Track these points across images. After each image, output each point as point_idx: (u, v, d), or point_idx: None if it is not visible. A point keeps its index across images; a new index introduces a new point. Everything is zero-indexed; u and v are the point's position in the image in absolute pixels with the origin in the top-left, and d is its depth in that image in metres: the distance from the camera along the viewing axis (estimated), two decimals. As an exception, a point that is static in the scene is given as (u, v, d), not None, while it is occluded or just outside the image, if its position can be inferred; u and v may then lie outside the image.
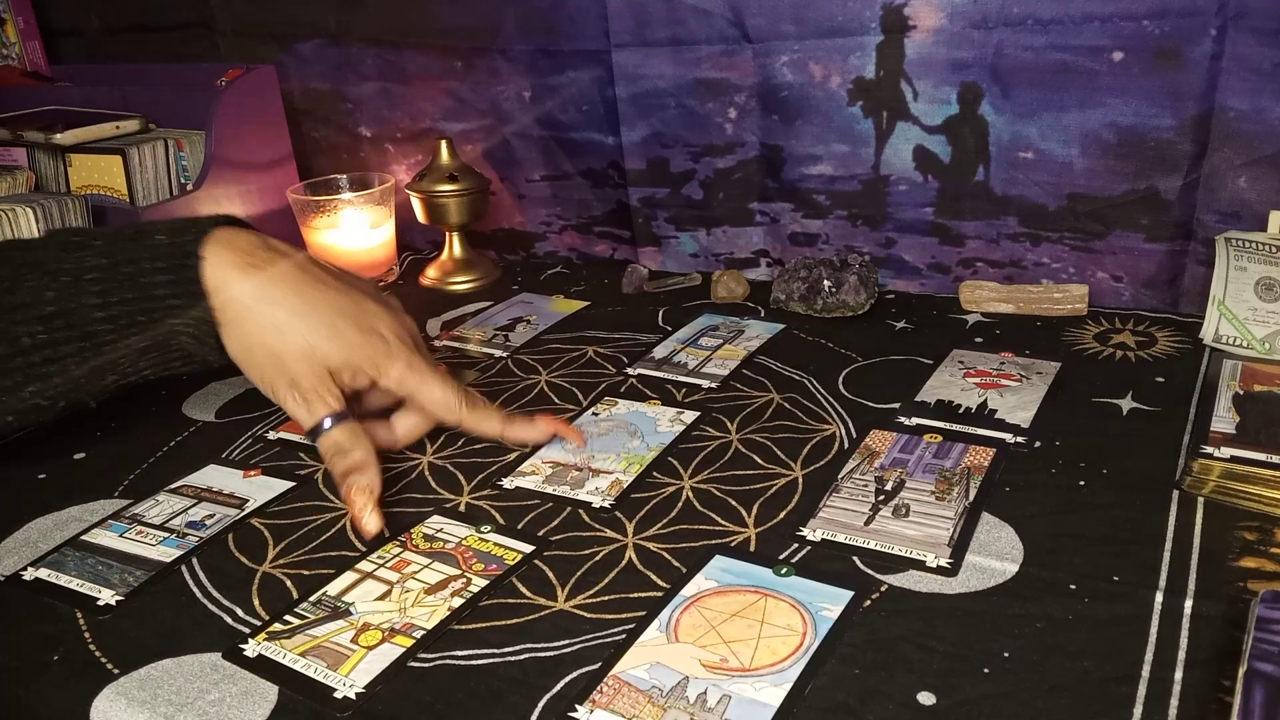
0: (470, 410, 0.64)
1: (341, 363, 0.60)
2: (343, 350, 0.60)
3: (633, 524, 0.58)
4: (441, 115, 1.04)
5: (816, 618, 0.49)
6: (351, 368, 0.61)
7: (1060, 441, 0.63)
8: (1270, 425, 0.63)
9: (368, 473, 0.58)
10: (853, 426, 0.68)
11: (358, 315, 0.61)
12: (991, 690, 0.44)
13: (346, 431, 0.60)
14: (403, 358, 0.62)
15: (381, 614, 0.51)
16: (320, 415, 0.60)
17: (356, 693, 0.46)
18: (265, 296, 0.59)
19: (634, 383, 0.76)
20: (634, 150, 0.96)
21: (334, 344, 0.60)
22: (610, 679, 0.45)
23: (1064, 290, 0.83)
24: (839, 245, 0.93)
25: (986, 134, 0.83)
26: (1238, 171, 0.76)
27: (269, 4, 1.08)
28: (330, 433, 0.60)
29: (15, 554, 0.59)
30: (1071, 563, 0.52)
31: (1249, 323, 0.73)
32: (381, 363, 0.61)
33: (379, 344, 0.61)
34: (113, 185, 0.96)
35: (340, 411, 0.60)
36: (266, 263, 0.60)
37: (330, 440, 0.60)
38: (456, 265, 1.01)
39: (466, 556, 0.56)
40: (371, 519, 0.57)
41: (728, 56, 0.89)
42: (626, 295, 0.95)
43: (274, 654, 0.49)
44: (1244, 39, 0.72)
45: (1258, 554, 0.51)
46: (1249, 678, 0.41)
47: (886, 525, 0.56)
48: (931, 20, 0.80)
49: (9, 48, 1.17)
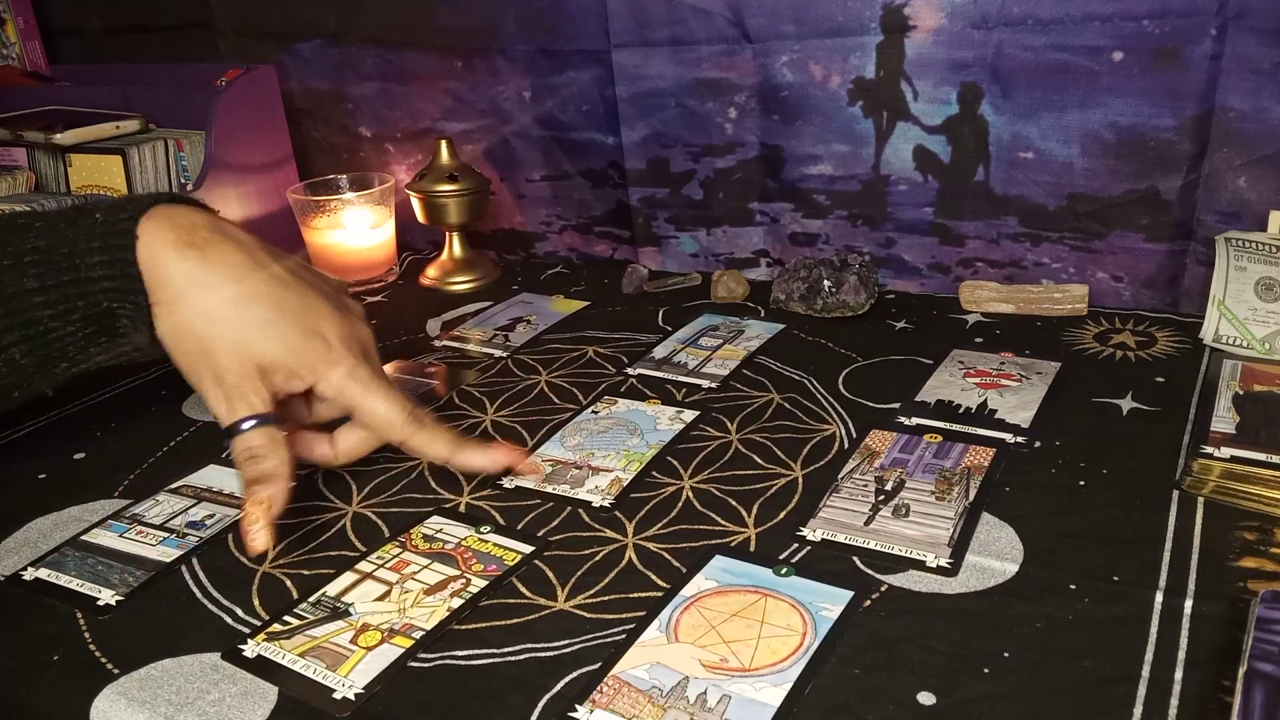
0: (416, 429, 0.57)
1: (273, 362, 0.55)
2: (277, 348, 0.55)
3: (633, 524, 0.58)
4: (441, 115, 1.04)
5: (816, 618, 0.49)
6: (285, 369, 0.55)
7: (1060, 441, 0.63)
8: (1270, 425, 0.63)
9: (274, 485, 0.53)
10: (853, 426, 0.68)
11: (302, 312, 0.56)
12: (991, 690, 0.44)
13: (264, 436, 0.54)
14: (344, 365, 0.56)
15: (381, 615, 0.51)
16: (240, 415, 0.54)
17: (355, 693, 0.46)
18: (200, 279, 0.54)
19: (634, 383, 0.76)
20: (634, 150, 0.96)
21: (268, 340, 0.54)
22: (610, 679, 0.45)
23: (1064, 290, 0.83)
24: (839, 245, 0.93)
25: (986, 134, 0.83)
26: (1238, 171, 0.76)
27: (269, 4, 1.08)
28: (246, 434, 0.54)
29: (15, 554, 0.59)
30: (1071, 563, 0.52)
31: (1249, 323, 0.73)
32: (320, 368, 0.56)
33: (319, 347, 0.56)
34: (113, 185, 0.96)
35: (263, 414, 0.54)
36: (207, 243, 0.55)
37: (244, 443, 0.54)
38: (456, 265, 1.01)
39: (466, 557, 0.56)
40: (260, 535, 0.52)
41: (728, 56, 0.89)
42: (626, 295, 0.95)
43: (273, 654, 0.49)
44: (1244, 39, 0.72)
45: (1258, 554, 0.51)
46: (1249, 678, 0.41)
47: (886, 525, 0.56)
48: (931, 20, 0.80)
49: (9, 48, 1.17)
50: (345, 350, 0.56)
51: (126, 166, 0.95)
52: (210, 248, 0.55)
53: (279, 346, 0.55)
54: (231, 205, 0.99)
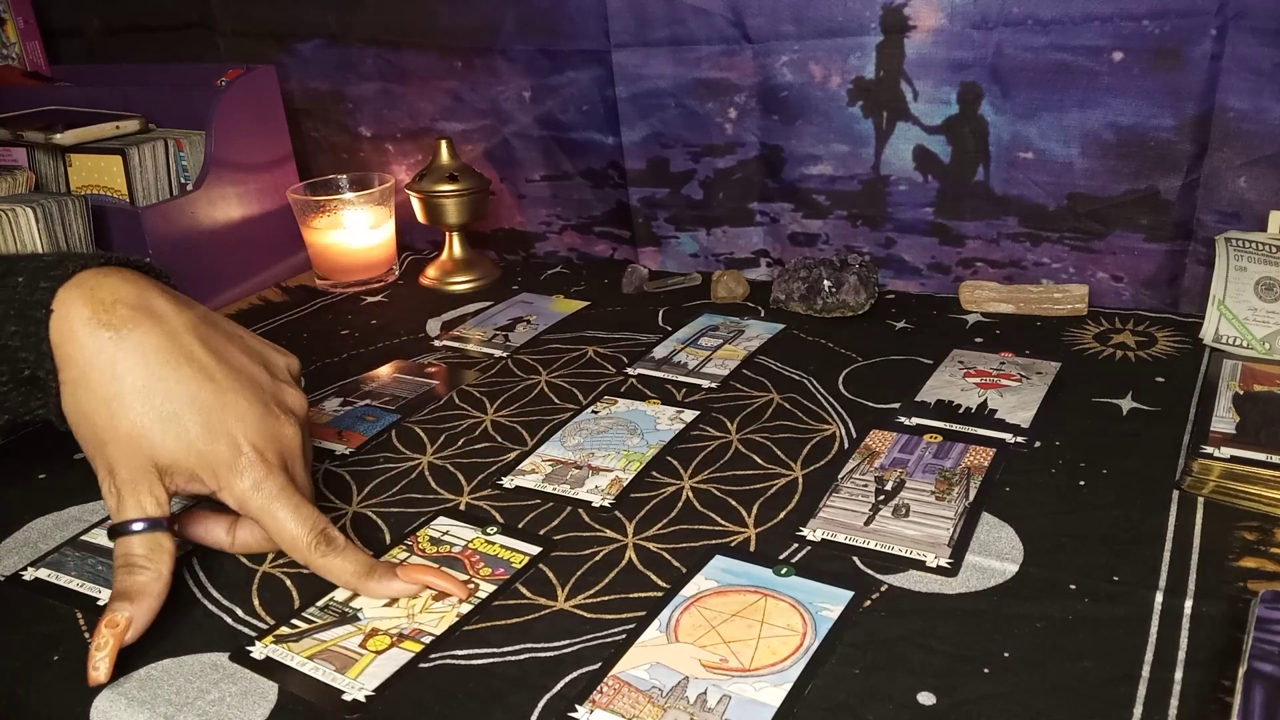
0: (324, 553, 0.52)
1: (172, 462, 0.51)
2: (177, 448, 0.50)
3: (633, 524, 0.58)
4: (441, 115, 1.04)
5: (816, 618, 0.49)
6: (185, 471, 0.51)
7: (1060, 441, 0.63)
8: (1270, 425, 0.63)
9: (138, 604, 0.49)
10: (853, 426, 0.68)
11: (213, 411, 0.51)
12: (991, 690, 0.44)
13: (147, 545, 0.50)
14: (250, 475, 0.51)
15: (390, 619, 0.51)
16: (128, 515, 0.50)
17: (366, 696, 0.46)
18: (106, 364, 0.50)
19: (634, 383, 0.76)
20: (634, 150, 0.96)
21: (167, 438, 0.50)
22: (610, 679, 0.45)
23: (1064, 290, 0.83)
24: (839, 245, 0.93)
25: (986, 134, 0.83)
26: (1238, 171, 0.76)
27: (269, 4, 1.08)
28: (129, 539, 0.50)
29: (15, 554, 0.59)
30: (1071, 563, 0.52)
31: (1249, 323, 0.73)
32: (222, 474, 0.51)
33: (224, 451, 0.51)
34: (113, 185, 0.96)
35: (154, 518, 0.50)
36: (125, 323, 0.51)
37: (124, 548, 0.50)
38: (456, 265, 1.01)
39: (473, 560, 0.55)
40: (101, 664, 0.47)
41: (728, 56, 0.89)
42: (626, 295, 0.95)
43: (281, 657, 0.48)
44: (1244, 39, 0.72)
45: (1258, 554, 0.51)
46: (1249, 678, 0.41)
47: (886, 525, 0.56)
48: (931, 20, 0.80)
49: (9, 48, 1.17)
50: (256, 457, 0.52)
51: (126, 166, 0.95)
52: (128, 328, 0.51)
53: (179, 446, 0.51)
54: (231, 205, 0.99)
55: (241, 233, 1.00)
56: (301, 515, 0.52)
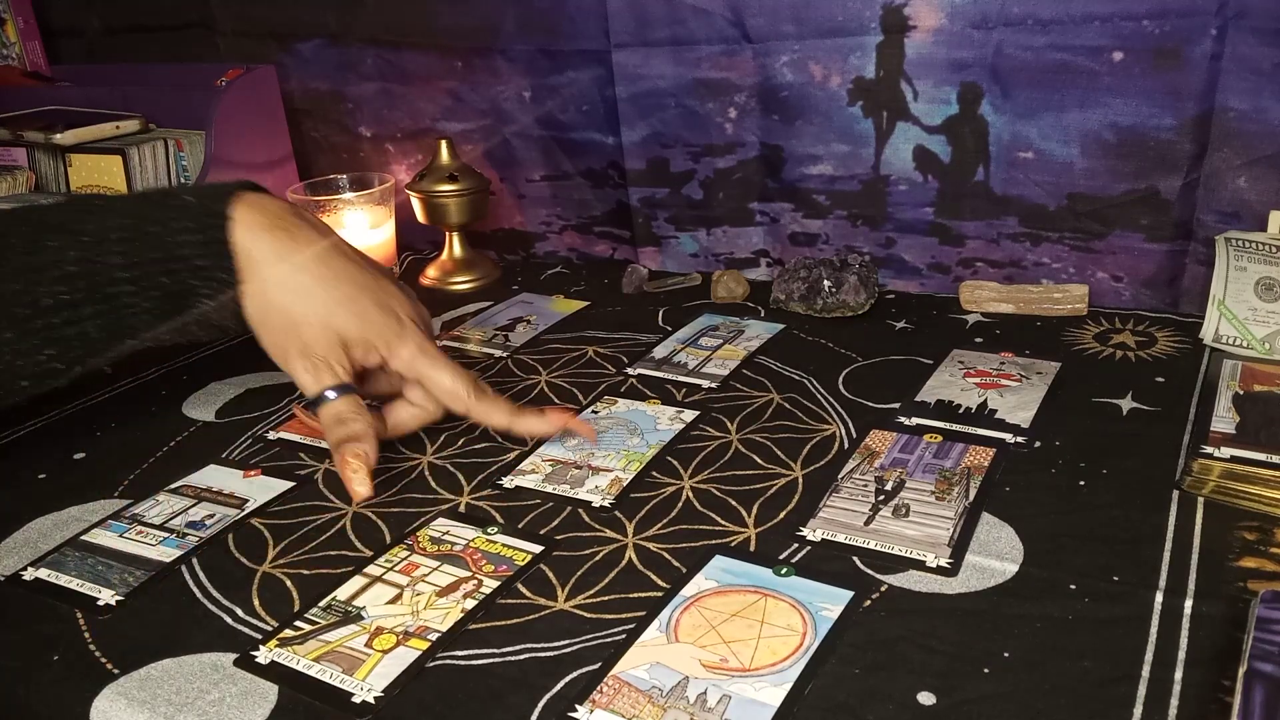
0: (479, 400, 0.63)
1: (356, 336, 0.61)
2: (359, 324, 0.61)
3: (633, 524, 0.58)
4: (441, 115, 1.04)
5: (816, 618, 0.49)
6: (365, 343, 0.61)
7: (1060, 441, 0.63)
8: (1270, 425, 0.63)
9: (365, 442, 0.59)
10: (853, 426, 0.68)
11: (378, 293, 0.62)
12: (991, 690, 0.44)
13: (350, 403, 0.60)
14: (415, 340, 0.62)
15: (394, 618, 0.51)
16: (326, 384, 0.60)
17: (375, 696, 0.46)
18: (290, 261, 0.60)
19: (634, 383, 0.76)
20: (634, 150, 0.96)
21: (351, 316, 0.60)
22: (610, 679, 0.45)
23: (1064, 290, 0.83)
24: (839, 245, 0.93)
25: (986, 134, 0.83)
26: (1238, 171, 0.76)
27: (269, 4, 1.08)
28: (335, 403, 0.60)
29: (15, 554, 0.59)
30: (1071, 563, 0.52)
31: (1249, 323, 0.73)
32: (394, 342, 0.62)
33: (394, 324, 0.62)
34: (113, 185, 0.96)
35: (346, 384, 0.60)
36: (295, 228, 0.61)
37: (332, 410, 0.60)
38: (456, 265, 1.01)
39: (476, 558, 0.55)
40: (363, 483, 0.57)
41: (728, 56, 0.89)
42: (626, 295, 0.95)
43: (287, 660, 0.48)
44: (1244, 39, 0.72)
45: (1258, 554, 0.51)
46: (1249, 678, 0.41)
47: (886, 525, 0.56)
48: (931, 20, 0.80)
49: (9, 48, 1.17)
50: (415, 327, 0.62)
51: (126, 166, 0.95)
52: (298, 232, 0.61)
53: (359, 322, 0.61)
54: (231, 205, 0.99)
55: (241, 233, 1.00)
56: (458, 372, 0.63)
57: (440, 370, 0.63)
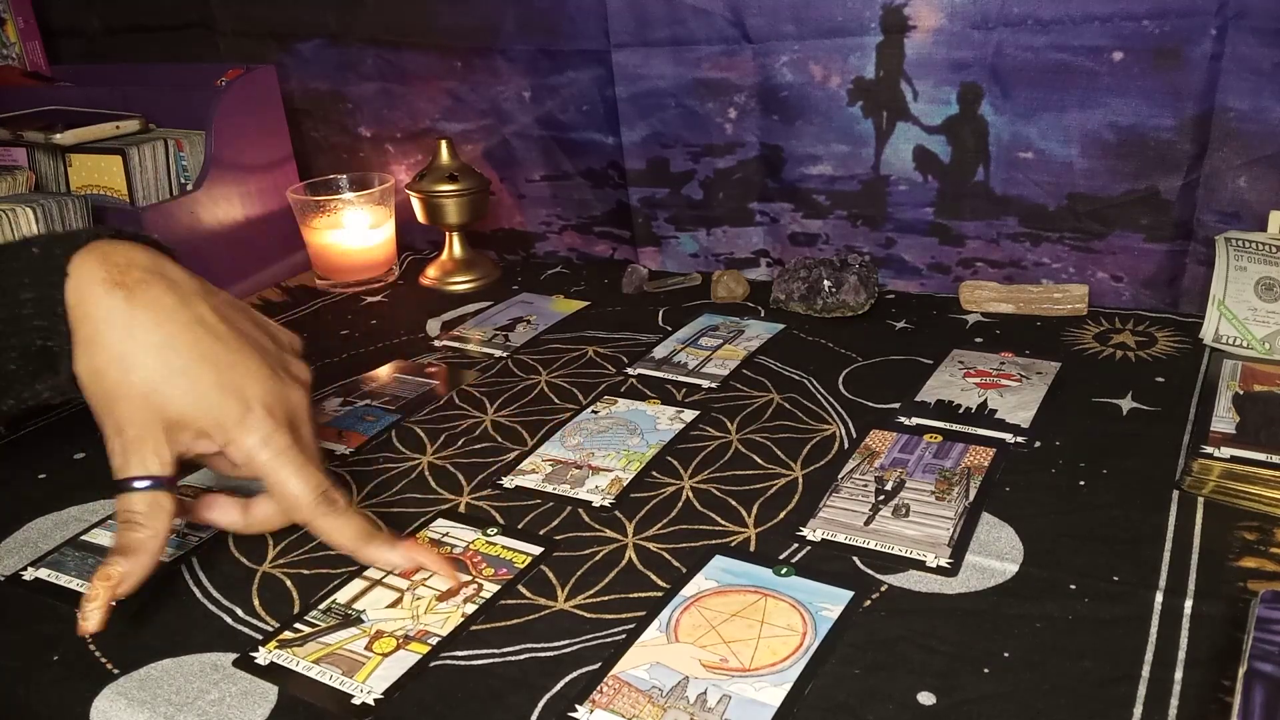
0: (324, 515, 0.52)
1: (180, 416, 0.50)
2: (189, 403, 0.50)
3: (633, 524, 0.58)
4: (441, 115, 1.04)
5: (816, 618, 0.49)
6: (194, 426, 0.51)
7: (1060, 441, 0.63)
8: (1270, 425, 0.63)
9: (133, 560, 0.49)
10: (853, 426, 0.68)
11: (224, 369, 0.51)
12: (991, 690, 0.44)
13: (147, 503, 0.50)
14: (260, 432, 0.51)
15: (394, 621, 0.51)
16: (131, 473, 0.50)
17: (375, 699, 0.46)
18: (120, 321, 0.50)
19: (634, 383, 0.76)
20: (634, 150, 0.96)
21: (179, 392, 0.50)
22: (610, 679, 0.45)
23: (1064, 290, 0.83)
24: (839, 245, 0.93)
25: (986, 134, 0.83)
26: (1238, 171, 0.76)
27: (269, 4, 1.08)
28: (131, 496, 0.50)
29: (15, 554, 0.59)
30: (1071, 563, 0.52)
31: (1249, 323, 0.73)
32: (231, 430, 0.51)
33: (234, 407, 0.51)
34: (113, 185, 0.96)
35: (157, 477, 0.50)
36: (138, 284, 0.51)
37: (125, 504, 0.50)
38: (456, 265, 1.01)
39: (476, 561, 0.55)
40: (92, 615, 0.47)
41: (728, 56, 0.89)
42: (626, 295, 0.95)
43: (286, 661, 0.48)
44: (1244, 39, 0.72)
45: (1258, 554, 0.51)
46: (1249, 678, 0.41)
47: (886, 525, 0.56)
48: (931, 20, 0.80)
49: (9, 48, 1.17)
50: (264, 415, 0.52)
51: (126, 166, 0.95)
52: (141, 288, 0.51)
53: (190, 400, 0.51)
54: (232, 205, 0.99)
55: (241, 233, 1.00)
56: (305, 474, 0.52)
57: (282, 471, 0.52)
